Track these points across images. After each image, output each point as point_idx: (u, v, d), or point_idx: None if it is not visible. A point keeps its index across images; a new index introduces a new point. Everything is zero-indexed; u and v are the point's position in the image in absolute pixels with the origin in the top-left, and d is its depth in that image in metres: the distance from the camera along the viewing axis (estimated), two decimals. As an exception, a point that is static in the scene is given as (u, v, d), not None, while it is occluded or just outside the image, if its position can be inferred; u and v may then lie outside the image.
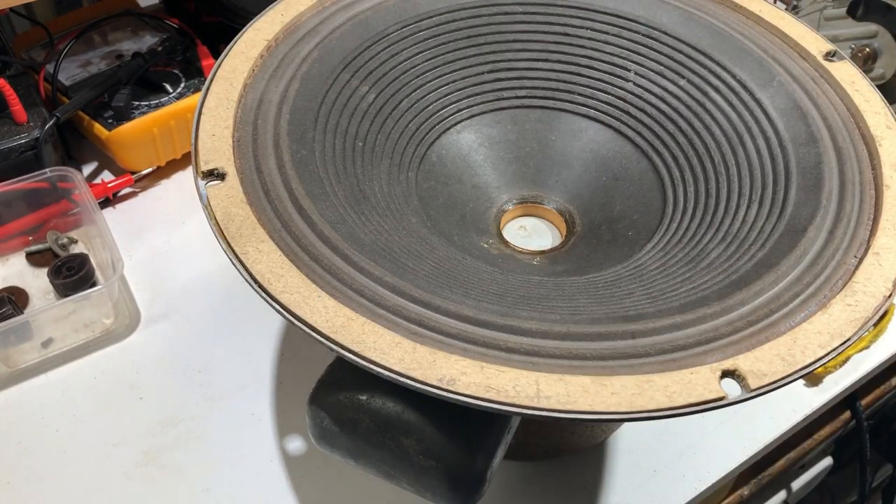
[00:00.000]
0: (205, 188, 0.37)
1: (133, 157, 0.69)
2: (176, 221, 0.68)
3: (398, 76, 0.49)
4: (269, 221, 0.36)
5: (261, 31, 0.46)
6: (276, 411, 0.54)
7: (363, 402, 0.33)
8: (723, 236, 0.41)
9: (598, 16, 0.52)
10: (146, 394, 0.55)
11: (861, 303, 0.35)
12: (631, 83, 0.51)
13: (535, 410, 0.30)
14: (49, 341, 0.57)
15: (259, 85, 0.44)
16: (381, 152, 0.47)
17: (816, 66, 0.48)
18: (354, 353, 0.31)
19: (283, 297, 0.33)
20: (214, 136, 0.40)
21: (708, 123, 0.47)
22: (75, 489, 0.50)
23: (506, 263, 0.46)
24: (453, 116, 0.51)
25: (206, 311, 0.61)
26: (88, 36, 0.75)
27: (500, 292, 0.37)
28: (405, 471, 0.33)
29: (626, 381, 0.31)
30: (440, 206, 0.48)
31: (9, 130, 0.63)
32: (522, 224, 0.52)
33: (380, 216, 0.41)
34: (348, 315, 0.32)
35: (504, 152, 0.52)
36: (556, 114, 0.53)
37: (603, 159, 0.51)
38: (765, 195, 0.42)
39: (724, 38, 0.50)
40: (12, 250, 0.64)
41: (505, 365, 0.31)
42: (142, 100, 0.69)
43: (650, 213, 0.48)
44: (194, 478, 0.51)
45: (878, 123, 0.44)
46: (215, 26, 0.78)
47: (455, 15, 0.51)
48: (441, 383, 0.30)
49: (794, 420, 0.55)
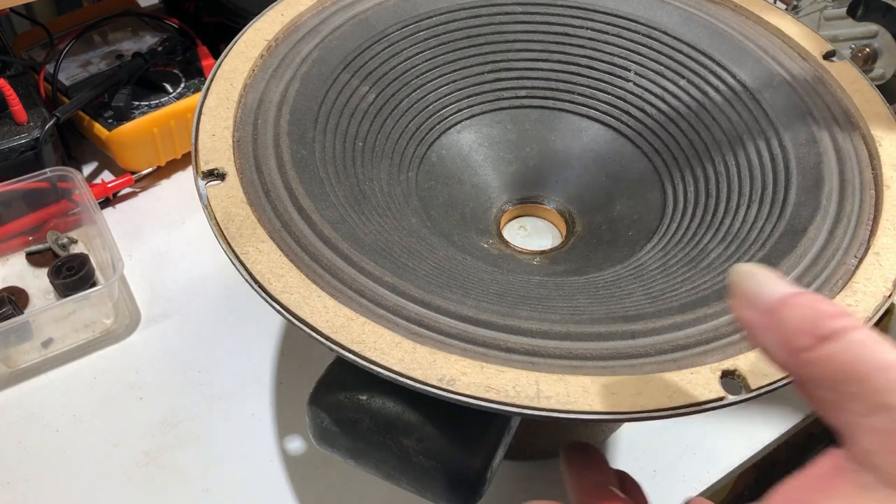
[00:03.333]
0: (205, 188, 0.37)
1: (133, 157, 0.69)
2: (176, 221, 0.68)
3: (398, 76, 0.49)
4: (269, 221, 0.36)
5: (261, 30, 0.47)
6: (276, 411, 0.54)
7: (363, 402, 0.33)
8: (723, 236, 0.41)
9: (598, 16, 0.52)
10: (146, 394, 0.55)
11: (861, 303, 0.35)
12: (631, 83, 0.51)
13: (535, 410, 0.30)
14: (49, 341, 0.57)
15: (259, 85, 0.44)
16: (381, 152, 0.47)
17: (816, 66, 0.48)
18: (354, 353, 0.31)
19: (283, 297, 0.33)
20: (214, 136, 0.40)
21: (708, 123, 0.47)
22: (75, 489, 0.50)
23: (506, 263, 0.46)
24: (453, 116, 0.51)
25: (206, 311, 0.61)
26: (88, 36, 0.75)
27: (500, 292, 0.37)
28: (405, 471, 0.33)
29: (626, 381, 0.31)
30: (440, 206, 0.48)
31: (9, 130, 0.63)
32: (522, 224, 0.52)
33: (380, 216, 0.41)
34: (348, 315, 0.32)
35: (504, 152, 0.52)
36: (556, 114, 0.53)
37: (603, 159, 0.51)
38: (765, 195, 0.42)
39: (724, 37, 0.50)
40: (12, 250, 0.64)
41: (505, 365, 0.31)
42: (142, 100, 0.69)
43: (650, 213, 0.48)
44: (194, 478, 0.51)
45: (877, 123, 0.44)
46: (215, 26, 0.78)
47: (455, 15, 0.51)
48: (441, 383, 0.30)
49: (794, 420, 0.55)
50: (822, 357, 0.23)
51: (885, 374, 0.22)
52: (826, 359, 0.23)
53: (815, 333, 0.23)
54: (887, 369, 0.22)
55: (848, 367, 0.23)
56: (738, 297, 0.26)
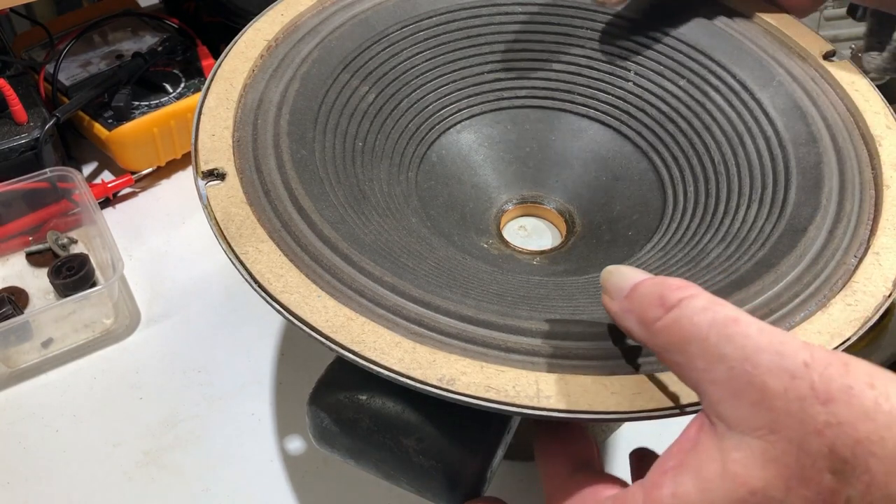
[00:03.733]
0: (205, 188, 0.37)
1: (133, 157, 0.69)
2: (176, 221, 0.68)
3: (398, 76, 0.49)
4: (268, 221, 0.36)
5: (261, 30, 0.47)
6: (276, 411, 0.54)
7: (363, 401, 0.33)
8: (722, 236, 0.41)
9: (599, 16, 0.52)
10: (146, 394, 0.55)
11: (861, 302, 0.35)
12: (631, 83, 0.51)
13: (534, 410, 0.30)
14: (49, 341, 0.57)
15: (259, 85, 0.44)
16: (381, 152, 0.47)
17: (816, 66, 0.48)
18: (354, 353, 0.31)
19: (282, 296, 0.33)
20: (214, 136, 0.40)
21: (708, 123, 0.47)
22: (75, 489, 0.50)
23: (506, 263, 0.46)
24: (453, 116, 0.51)
25: (206, 311, 0.61)
26: (88, 36, 0.75)
27: (499, 292, 0.37)
28: (405, 471, 0.33)
29: (626, 381, 0.31)
30: (440, 206, 0.48)
31: (9, 130, 0.63)
32: (522, 224, 0.52)
33: (380, 216, 0.41)
34: (348, 315, 0.32)
35: (504, 152, 0.52)
36: (556, 114, 0.53)
37: (603, 159, 0.51)
38: (764, 195, 0.42)
39: (724, 37, 0.50)
40: (12, 250, 0.64)
41: (505, 365, 0.31)
42: (142, 100, 0.69)
43: (650, 213, 0.48)
44: (194, 478, 0.51)
45: (877, 123, 0.44)
46: (215, 26, 0.78)
47: (455, 15, 0.51)
48: (441, 383, 0.30)
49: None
50: (670, 323, 0.26)
51: (718, 329, 0.25)
52: (673, 324, 0.26)
53: (662, 305, 0.27)
54: (722, 325, 0.25)
55: (690, 329, 0.26)
56: (605, 291, 0.30)
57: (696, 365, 0.25)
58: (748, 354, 0.24)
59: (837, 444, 0.22)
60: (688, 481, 0.24)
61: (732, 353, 0.24)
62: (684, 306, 0.26)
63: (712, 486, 0.24)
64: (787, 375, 0.23)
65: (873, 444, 0.22)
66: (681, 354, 0.26)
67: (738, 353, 0.24)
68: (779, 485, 0.23)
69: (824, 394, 0.23)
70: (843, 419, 0.22)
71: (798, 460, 0.23)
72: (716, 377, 0.25)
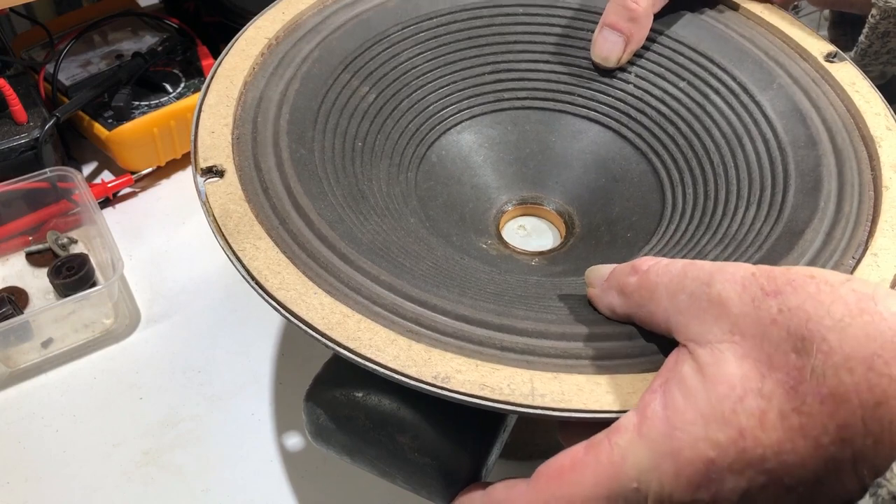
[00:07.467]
0: (203, 185, 0.37)
1: (133, 157, 0.69)
2: (176, 221, 0.68)
3: (398, 76, 0.49)
4: (266, 219, 0.37)
5: (262, 29, 0.47)
6: (276, 411, 0.54)
7: (359, 399, 0.33)
8: (720, 238, 0.41)
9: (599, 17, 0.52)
10: (146, 394, 0.55)
11: (859, 303, 0.34)
12: (631, 85, 0.51)
13: (529, 408, 0.30)
14: (49, 341, 0.57)
15: (259, 83, 0.44)
16: (380, 152, 0.47)
17: (817, 66, 0.48)
18: (350, 350, 0.31)
19: (279, 293, 0.33)
20: (214, 133, 0.40)
21: (708, 126, 0.47)
22: (75, 489, 0.50)
23: (504, 264, 0.46)
24: (453, 117, 0.51)
25: (206, 311, 0.61)
26: (88, 36, 0.76)
27: (497, 292, 0.37)
28: (400, 468, 0.33)
29: (621, 380, 0.31)
30: (439, 206, 0.48)
31: (9, 130, 0.63)
32: (522, 223, 0.52)
33: (378, 216, 0.41)
34: (344, 312, 0.33)
35: (504, 153, 0.52)
36: (556, 115, 0.53)
37: (603, 161, 0.51)
38: (763, 197, 0.42)
39: (725, 39, 0.50)
40: (12, 250, 0.64)
41: (500, 363, 0.31)
42: (142, 100, 0.70)
43: (649, 215, 0.48)
44: (194, 478, 0.51)
45: (878, 125, 0.44)
46: (215, 26, 0.78)
47: (456, 16, 0.51)
48: (436, 381, 0.30)
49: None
50: (641, 280, 0.32)
51: (678, 270, 0.30)
52: (643, 279, 0.31)
53: (635, 271, 0.32)
54: (681, 268, 0.30)
55: (656, 279, 0.31)
56: (589, 285, 0.35)
57: (663, 305, 0.30)
58: (703, 279, 0.29)
59: (792, 327, 0.26)
60: (675, 392, 0.28)
61: (690, 283, 0.29)
62: (651, 267, 0.31)
63: (696, 391, 0.27)
64: (738, 286, 0.28)
65: (823, 319, 0.25)
66: (652, 302, 0.31)
67: (694, 282, 0.29)
68: (753, 375, 0.26)
69: (773, 290, 0.27)
70: (793, 305, 0.26)
71: (764, 350, 0.26)
72: (680, 306, 0.29)
